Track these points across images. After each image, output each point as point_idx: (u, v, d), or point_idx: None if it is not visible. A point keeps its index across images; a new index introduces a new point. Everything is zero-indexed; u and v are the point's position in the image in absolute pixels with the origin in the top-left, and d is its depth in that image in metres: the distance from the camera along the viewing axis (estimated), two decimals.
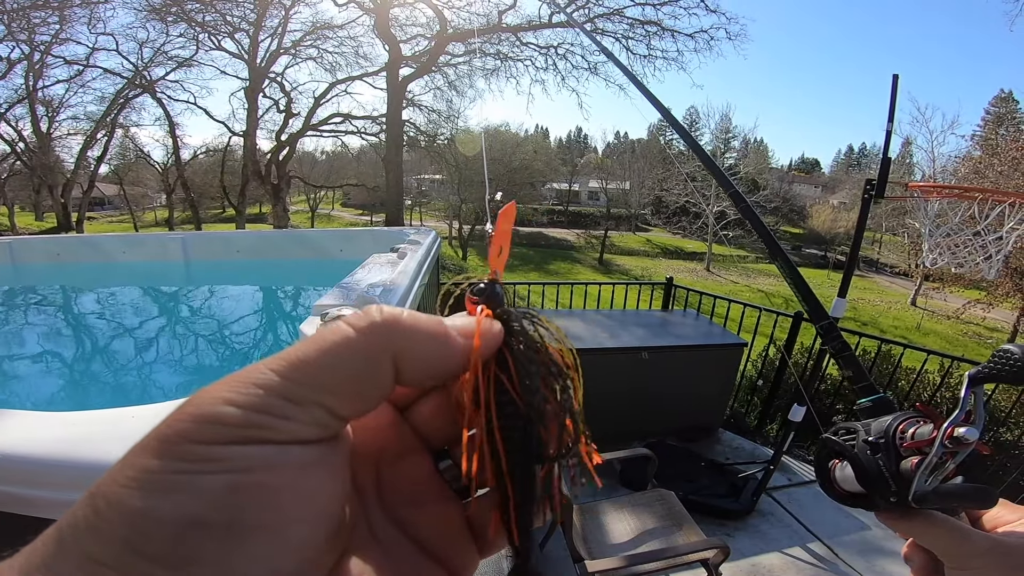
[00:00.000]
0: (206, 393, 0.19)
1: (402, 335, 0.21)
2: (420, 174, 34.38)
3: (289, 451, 0.18)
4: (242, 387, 0.18)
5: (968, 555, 0.41)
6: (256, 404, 0.18)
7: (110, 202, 37.80)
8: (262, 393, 0.18)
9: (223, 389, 0.18)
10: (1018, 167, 14.87)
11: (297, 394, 0.19)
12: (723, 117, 34.82)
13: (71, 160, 20.63)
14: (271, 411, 0.18)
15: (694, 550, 1.96)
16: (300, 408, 0.19)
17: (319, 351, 0.20)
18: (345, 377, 0.20)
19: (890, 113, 2.25)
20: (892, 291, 26.88)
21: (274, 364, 0.19)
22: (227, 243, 4.65)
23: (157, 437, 0.18)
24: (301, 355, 0.20)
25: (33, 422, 0.93)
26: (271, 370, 0.19)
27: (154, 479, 0.17)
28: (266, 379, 0.19)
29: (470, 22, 15.72)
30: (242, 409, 0.18)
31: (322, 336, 0.20)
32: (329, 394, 0.20)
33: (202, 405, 0.18)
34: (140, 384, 2.91)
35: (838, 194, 41.77)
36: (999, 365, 0.41)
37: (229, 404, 0.18)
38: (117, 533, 0.16)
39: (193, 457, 0.17)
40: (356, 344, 0.20)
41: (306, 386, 0.19)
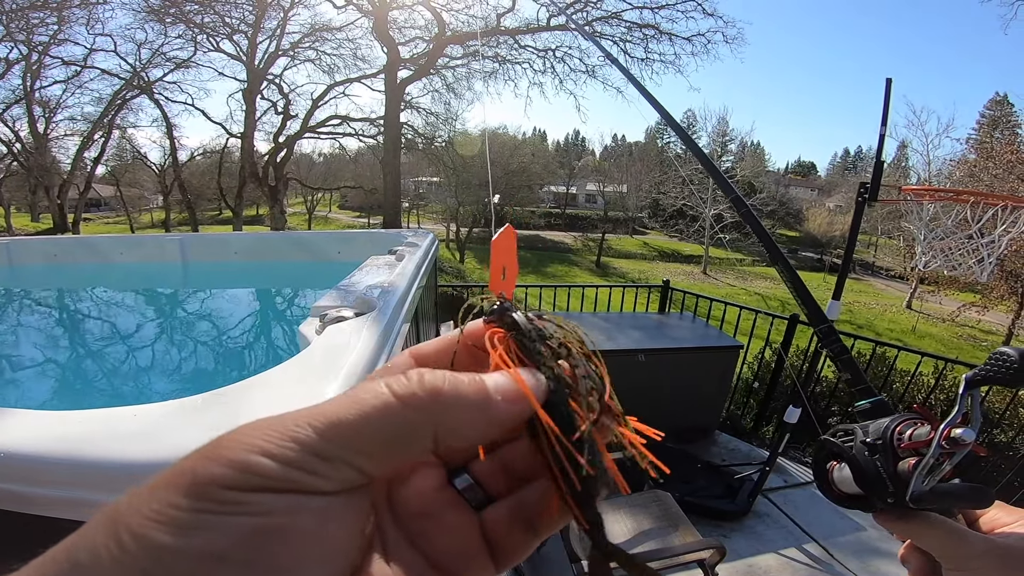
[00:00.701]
0: (242, 437, 0.19)
1: (445, 410, 0.22)
2: (418, 176, 34.37)
3: (312, 500, 0.19)
4: (279, 439, 0.19)
5: (966, 556, 0.41)
6: (291, 460, 0.19)
7: (106, 203, 37.69)
8: (298, 449, 0.19)
9: (259, 437, 0.19)
10: (1013, 170, 14.97)
11: (330, 453, 0.20)
12: (720, 120, 34.98)
13: (67, 161, 20.59)
14: (303, 467, 0.19)
15: (691, 550, 1.97)
16: (331, 465, 0.20)
17: (359, 415, 0.20)
18: (382, 444, 0.21)
19: (883, 117, 2.27)
20: (888, 294, 26.97)
21: (313, 420, 0.20)
22: (225, 245, 4.64)
23: (187, 475, 0.18)
24: (340, 415, 0.20)
25: (33, 420, 0.93)
26: (310, 426, 0.20)
27: (182, 517, 0.17)
28: (304, 436, 0.19)
29: (468, 25, 15.76)
30: (278, 463, 0.19)
31: (362, 397, 0.21)
32: (363, 456, 0.20)
33: (238, 451, 0.19)
34: (137, 385, 2.90)
35: (834, 197, 41.91)
36: (996, 368, 0.42)
37: (265, 455, 0.19)
38: (140, 567, 0.17)
39: (223, 500, 0.18)
40: (396, 414, 0.21)
41: (341, 447, 0.20)
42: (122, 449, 0.84)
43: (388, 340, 1.38)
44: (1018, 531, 0.43)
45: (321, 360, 1.15)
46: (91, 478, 0.83)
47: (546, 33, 16.04)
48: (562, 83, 16.85)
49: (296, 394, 0.99)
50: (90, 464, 0.83)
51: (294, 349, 1.32)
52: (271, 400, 0.97)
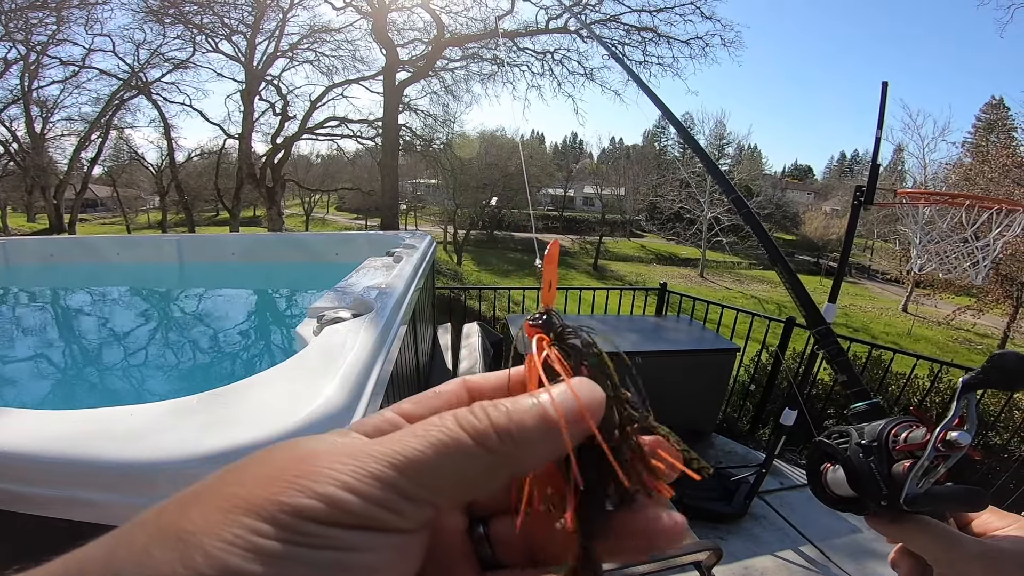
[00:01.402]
0: (322, 469, 0.19)
1: (520, 448, 0.21)
2: (416, 178, 34.38)
3: (392, 538, 0.19)
4: (360, 475, 0.19)
5: (959, 560, 0.41)
6: (377, 498, 0.19)
7: (103, 204, 37.57)
8: (381, 487, 0.19)
9: (342, 471, 0.19)
10: (1008, 174, 15.06)
11: (414, 493, 0.20)
12: (717, 123, 35.10)
13: (64, 161, 20.47)
14: (388, 506, 0.19)
15: (687, 552, 1.97)
16: (414, 506, 0.20)
17: (435, 452, 0.20)
18: (460, 485, 0.21)
19: (879, 120, 2.28)
20: (883, 297, 27.06)
21: (390, 456, 0.20)
22: (222, 245, 4.63)
23: (271, 503, 0.18)
24: (415, 452, 0.20)
25: (29, 420, 0.93)
26: (390, 463, 0.20)
27: (270, 547, 0.17)
28: (385, 474, 0.19)
29: (467, 27, 15.78)
30: (364, 501, 0.19)
31: (434, 435, 0.21)
32: (442, 496, 0.20)
33: (324, 485, 0.19)
34: (133, 385, 2.90)
35: (831, 201, 42.04)
36: (993, 371, 0.42)
37: (351, 492, 0.19)
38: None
39: (309, 533, 0.18)
40: (473, 455, 0.20)
41: (423, 486, 0.20)
42: (118, 449, 0.84)
43: (386, 341, 1.38)
44: (1010, 535, 0.43)
45: (318, 361, 1.15)
46: (87, 477, 0.83)
47: (545, 36, 16.08)
48: (560, 86, 16.89)
49: (293, 395, 0.99)
50: (86, 463, 0.83)
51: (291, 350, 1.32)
52: (268, 401, 0.97)
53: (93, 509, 0.83)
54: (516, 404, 0.22)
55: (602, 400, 0.23)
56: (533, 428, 0.21)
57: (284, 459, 0.20)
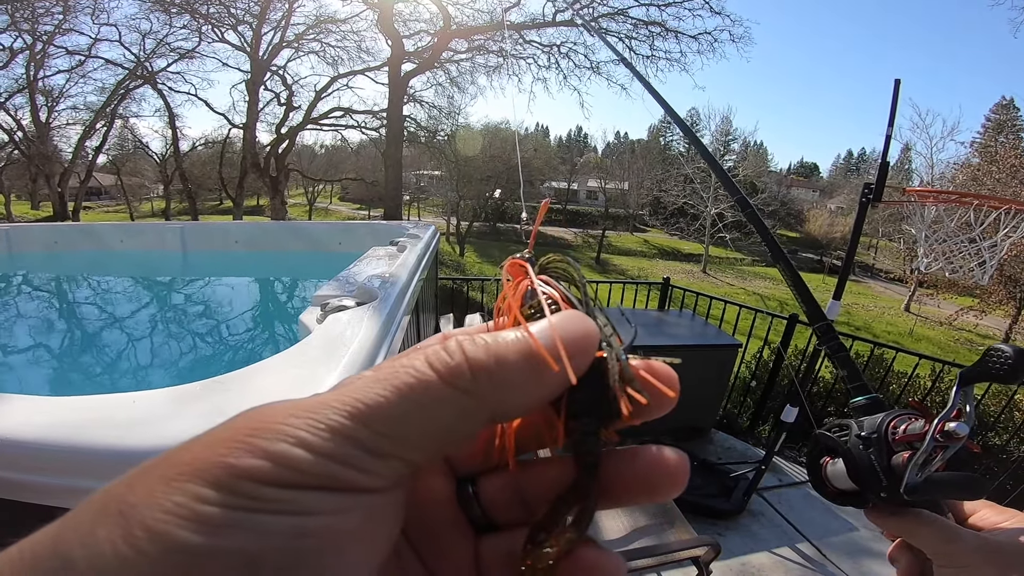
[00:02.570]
0: (273, 425, 0.17)
1: (500, 387, 0.19)
2: (419, 170, 34.33)
3: (360, 499, 0.17)
4: (315, 429, 0.17)
5: (958, 553, 0.42)
6: (335, 453, 0.17)
7: (106, 192, 37.61)
8: (341, 441, 0.17)
9: (295, 426, 0.17)
10: (1016, 175, 14.96)
11: (380, 447, 0.17)
12: (723, 119, 34.90)
13: (69, 150, 20.50)
14: (350, 462, 0.17)
15: (685, 548, 1.98)
16: (380, 461, 0.17)
17: (401, 398, 0.18)
18: (433, 433, 0.18)
19: (891, 118, 2.26)
20: (886, 296, 26.99)
21: (349, 406, 0.17)
22: (225, 234, 4.63)
23: (216, 465, 0.16)
24: (378, 399, 0.18)
25: (29, 406, 0.93)
26: (349, 414, 0.17)
27: (213, 514, 0.15)
28: (344, 426, 0.17)
29: (474, 19, 15.68)
30: (320, 456, 0.16)
31: (399, 377, 0.18)
32: (414, 449, 0.18)
33: (275, 442, 0.16)
34: (136, 372, 2.91)
35: (836, 199, 41.87)
36: (990, 364, 0.42)
37: (305, 447, 0.16)
38: (159, 571, 0.14)
39: (259, 496, 0.16)
40: (444, 397, 0.18)
41: (389, 439, 0.17)
42: (120, 436, 0.84)
43: (389, 330, 1.38)
44: (1008, 529, 0.43)
45: (322, 349, 1.15)
46: (88, 465, 0.82)
47: (551, 29, 15.97)
48: (566, 79, 16.78)
49: (296, 382, 0.99)
50: (87, 451, 0.83)
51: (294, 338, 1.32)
52: (271, 388, 0.97)
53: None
54: (496, 337, 0.19)
55: (594, 333, 0.20)
56: (516, 364, 0.19)
57: (240, 420, 0.18)
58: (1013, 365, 0.41)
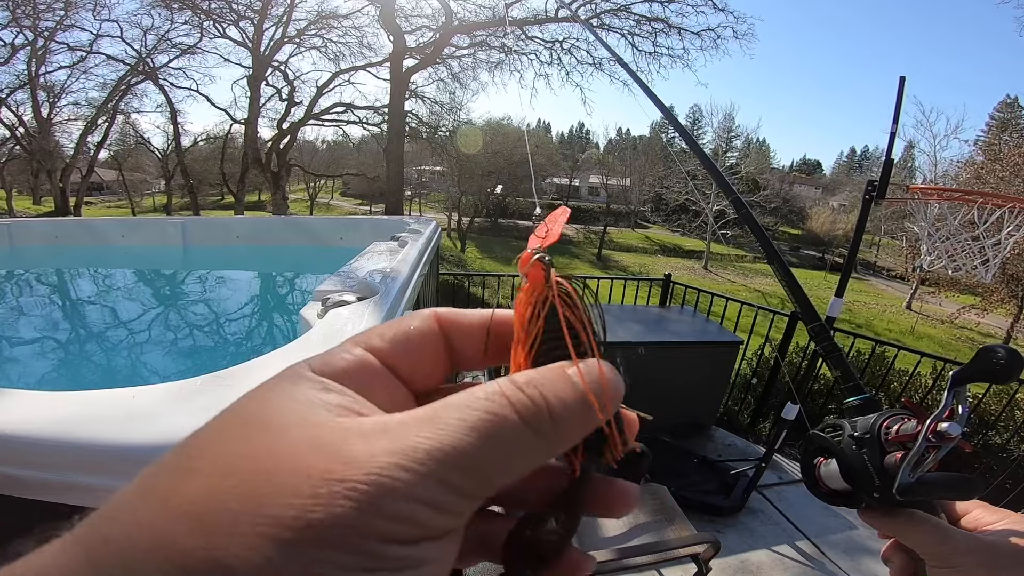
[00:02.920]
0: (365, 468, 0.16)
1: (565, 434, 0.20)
2: (421, 165, 34.31)
3: (453, 539, 0.18)
4: (422, 479, 0.17)
5: (951, 553, 0.42)
6: (438, 502, 0.17)
7: (108, 187, 37.67)
8: (444, 491, 0.17)
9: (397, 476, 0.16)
10: (1019, 173, 14.89)
11: (470, 491, 0.18)
12: (726, 116, 34.79)
13: (70, 145, 20.60)
14: (450, 509, 0.17)
15: (685, 545, 1.98)
16: (469, 503, 0.18)
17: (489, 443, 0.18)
18: (511, 473, 0.19)
19: (895, 115, 2.25)
20: (888, 294, 26.95)
21: (435, 450, 0.17)
22: (226, 229, 4.64)
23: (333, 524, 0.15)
24: (468, 444, 0.18)
25: (30, 401, 0.93)
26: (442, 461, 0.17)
27: None
28: (440, 474, 0.17)
29: (476, 15, 15.63)
30: (427, 507, 0.17)
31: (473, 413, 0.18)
32: (492, 488, 0.19)
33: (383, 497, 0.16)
34: (137, 367, 2.91)
35: (838, 196, 41.80)
36: (983, 364, 0.42)
37: (412, 500, 0.16)
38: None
39: (385, 556, 0.16)
40: (520, 439, 0.19)
41: (478, 483, 0.18)
42: (121, 431, 0.83)
43: None
44: (1001, 530, 0.43)
45: (322, 344, 1.15)
46: (88, 461, 0.82)
47: (554, 25, 15.91)
48: (568, 75, 16.72)
49: None
50: (88, 447, 0.83)
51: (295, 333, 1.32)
52: None
53: (93, 494, 0.81)
54: (554, 381, 0.20)
55: (622, 386, 0.22)
56: (575, 407, 0.20)
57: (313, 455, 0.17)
58: (1006, 365, 0.41)
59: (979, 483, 0.42)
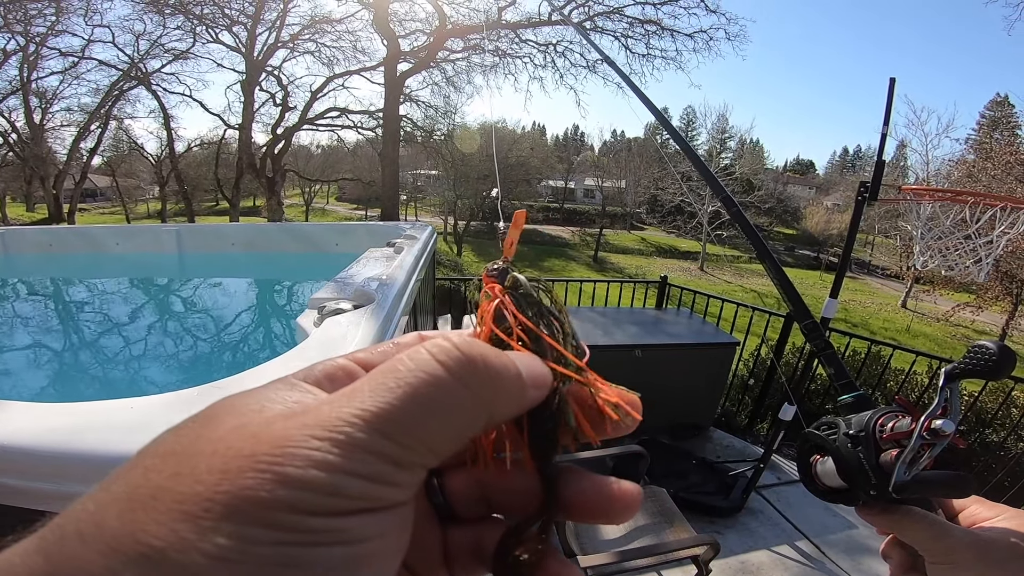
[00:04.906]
0: (289, 445, 0.16)
1: (498, 388, 0.19)
2: (416, 169, 34.29)
3: (396, 515, 0.17)
4: (342, 449, 0.16)
5: (949, 549, 0.42)
6: (365, 472, 0.16)
7: (102, 194, 37.50)
8: (370, 459, 0.16)
9: (319, 448, 0.16)
10: (1011, 171, 15.00)
11: (404, 459, 0.17)
12: (720, 117, 34.95)
13: (63, 151, 20.47)
14: (380, 479, 0.16)
15: (685, 546, 1.98)
16: (406, 472, 0.17)
17: (411, 400, 0.17)
18: (448, 435, 0.18)
19: (886, 116, 2.27)
20: (883, 293, 27.06)
21: (366, 414, 0.17)
22: (221, 235, 4.62)
23: (244, 498, 0.15)
24: (389, 404, 0.17)
25: (29, 412, 0.93)
26: (369, 427, 0.16)
27: (266, 555, 0.14)
28: (368, 442, 0.16)
29: (469, 18, 15.67)
30: (354, 478, 0.16)
31: (403, 375, 0.18)
32: (431, 454, 0.18)
33: (304, 468, 0.15)
34: (133, 377, 2.90)
35: (832, 196, 41.94)
36: (975, 361, 0.42)
37: (335, 471, 0.16)
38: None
39: (307, 529, 0.15)
40: (452, 394, 0.18)
41: (411, 448, 0.17)
42: (118, 442, 0.83)
43: (387, 333, 1.38)
44: (999, 526, 0.43)
45: (319, 352, 1.14)
46: (86, 471, 0.81)
47: (547, 28, 15.97)
48: (563, 78, 16.75)
49: None
50: (85, 457, 0.83)
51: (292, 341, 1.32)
52: None
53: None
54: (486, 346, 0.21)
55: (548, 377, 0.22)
56: (510, 375, 0.20)
57: (235, 436, 0.16)
58: (997, 361, 0.42)
59: (973, 481, 0.43)
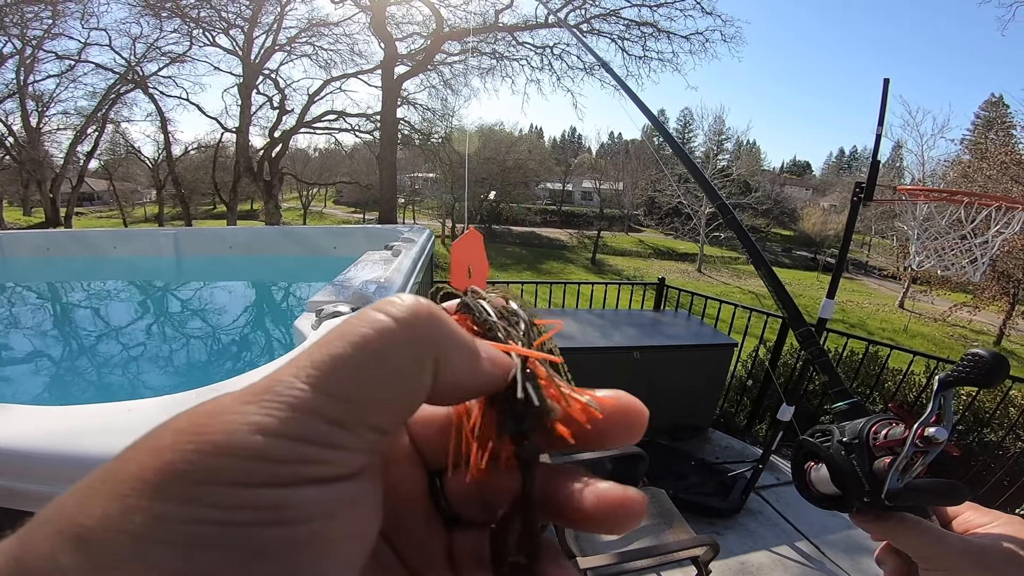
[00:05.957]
0: (220, 415, 0.14)
1: (444, 335, 0.18)
2: (413, 172, 34.31)
3: (342, 489, 0.15)
4: (274, 408, 0.14)
5: (943, 556, 0.42)
6: (300, 432, 0.14)
7: (99, 197, 37.44)
8: (302, 418, 0.14)
9: (248, 412, 0.14)
10: (1006, 171, 15.06)
11: (346, 416, 0.15)
12: (716, 119, 35.00)
13: (60, 155, 20.48)
14: (318, 440, 0.15)
15: (684, 547, 1.98)
16: (351, 434, 0.15)
17: (356, 349, 0.16)
18: (394, 384, 0.16)
19: (880, 117, 2.28)
20: (880, 293, 27.11)
21: (304, 374, 0.15)
22: (219, 239, 4.62)
23: (165, 473, 0.13)
24: (334, 356, 0.15)
25: (27, 415, 0.93)
26: (305, 383, 0.15)
27: (186, 532, 0.13)
28: (303, 397, 0.15)
29: (466, 21, 15.71)
30: (282, 439, 0.14)
31: (354, 330, 0.16)
32: (379, 411, 0.16)
33: (230, 433, 0.14)
34: (130, 380, 2.89)
35: (829, 197, 42.06)
36: (968, 369, 0.43)
37: (266, 433, 0.14)
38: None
39: (229, 503, 0.13)
40: (399, 339, 0.16)
41: (354, 404, 0.15)
42: (116, 444, 0.83)
43: None
44: (992, 532, 0.43)
45: None
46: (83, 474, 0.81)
47: (544, 30, 16.02)
48: (560, 80, 16.83)
49: None
50: (83, 460, 0.83)
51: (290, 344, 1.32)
52: None
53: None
54: None
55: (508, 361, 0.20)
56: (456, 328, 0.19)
57: (183, 419, 0.15)
58: (990, 370, 0.42)
59: (966, 489, 0.43)
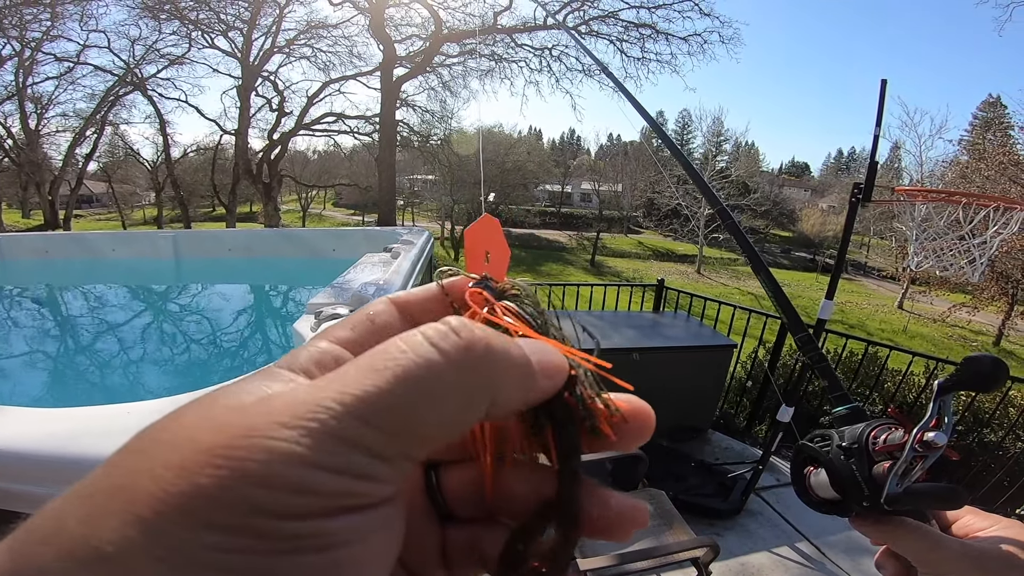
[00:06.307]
0: (255, 436, 0.14)
1: (501, 371, 0.17)
2: (413, 174, 34.31)
3: (379, 516, 0.15)
4: (316, 440, 0.14)
5: (942, 560, 0.42)
6: (342, 465, 0.14)
7: (98, 200, 37.43)
8: (346, 451, 0.14)
9: (290, 437, 0.14)
10: (1004, 172, 15.09)
11: (388, 450, 0.15)
12: (715, 120, 35.05)
13: (59, 157, 20.45)
14: (359, 472, 0.15)
15: (684, 548, 1.98)
16: (388, 465, 0.15)
17: (405, 384, 0.15)
18: (444, 426, 0.16)
19: (878, 118, 2.28)
20: (879, 294, 27.14)
21: (352, 406, 0.15)
22: (218, 241, 4.62)
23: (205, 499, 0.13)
24: (379, 392, 0.15)
25: (27, 417, 0.93)
26: (348, 411, 0.15)
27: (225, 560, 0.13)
28: (346, 427, 0.14)
29: (465, 23, 15.72)
30: (330, 473, 0.14)
31: (394, 357, 0.16)
32: (418, 445, 0.16)
33: (269, 463, 0.13)
34: (130, 382, 2.89)
35: (827, 198, 42.13)
36: (967, 373, 0.43)
37: (308, 465, 0.14)
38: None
39: (280, 535, 0.13)
40: (446, 379, 0.16)
41: (396, 437, 0.15)
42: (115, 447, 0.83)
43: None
44: (992, 536, 0.43)
45: None
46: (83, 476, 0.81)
47: (543, 32, 16.04)
48: (558, 82, 16.84)
49: None
50: (82, 462, 0.83)
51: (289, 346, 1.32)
52: None
53: None
54: (492, 332, 0.18)
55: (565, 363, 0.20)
56: (516, 358, 0.18)
57: (197, 428, 0.15)
58: (989, 374, 0.42)
59: (965, 493, 0.43)
